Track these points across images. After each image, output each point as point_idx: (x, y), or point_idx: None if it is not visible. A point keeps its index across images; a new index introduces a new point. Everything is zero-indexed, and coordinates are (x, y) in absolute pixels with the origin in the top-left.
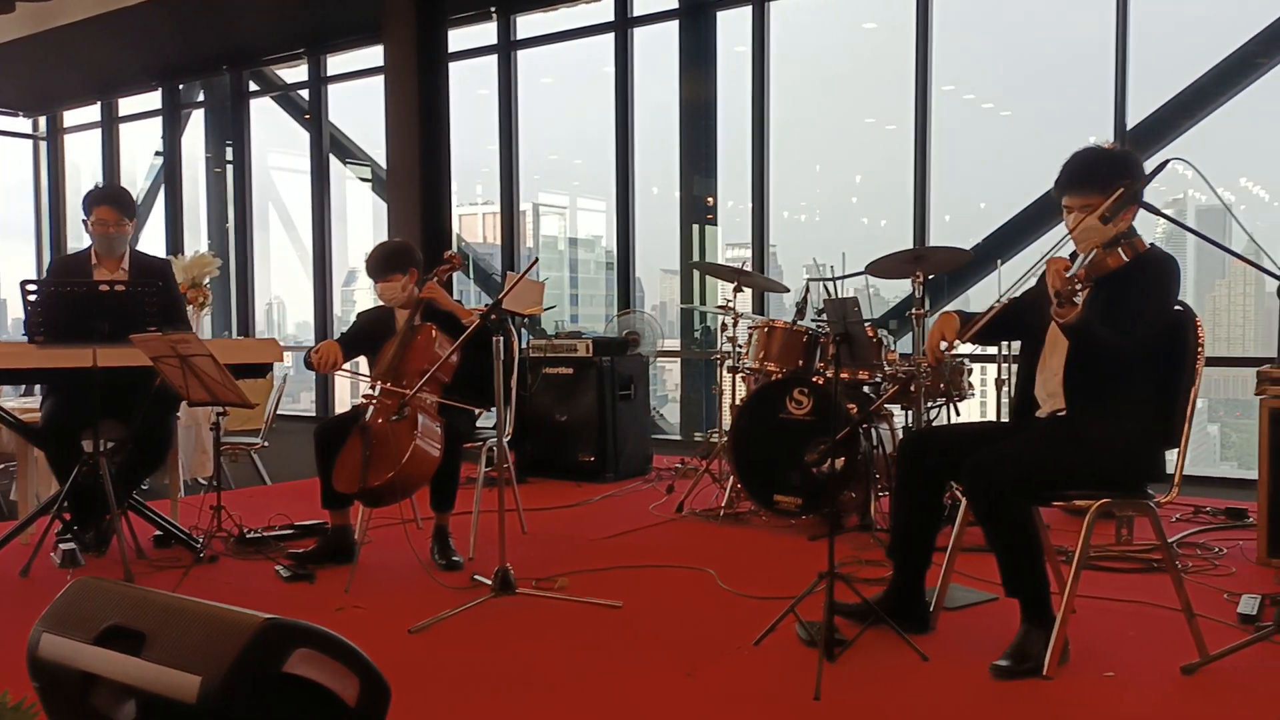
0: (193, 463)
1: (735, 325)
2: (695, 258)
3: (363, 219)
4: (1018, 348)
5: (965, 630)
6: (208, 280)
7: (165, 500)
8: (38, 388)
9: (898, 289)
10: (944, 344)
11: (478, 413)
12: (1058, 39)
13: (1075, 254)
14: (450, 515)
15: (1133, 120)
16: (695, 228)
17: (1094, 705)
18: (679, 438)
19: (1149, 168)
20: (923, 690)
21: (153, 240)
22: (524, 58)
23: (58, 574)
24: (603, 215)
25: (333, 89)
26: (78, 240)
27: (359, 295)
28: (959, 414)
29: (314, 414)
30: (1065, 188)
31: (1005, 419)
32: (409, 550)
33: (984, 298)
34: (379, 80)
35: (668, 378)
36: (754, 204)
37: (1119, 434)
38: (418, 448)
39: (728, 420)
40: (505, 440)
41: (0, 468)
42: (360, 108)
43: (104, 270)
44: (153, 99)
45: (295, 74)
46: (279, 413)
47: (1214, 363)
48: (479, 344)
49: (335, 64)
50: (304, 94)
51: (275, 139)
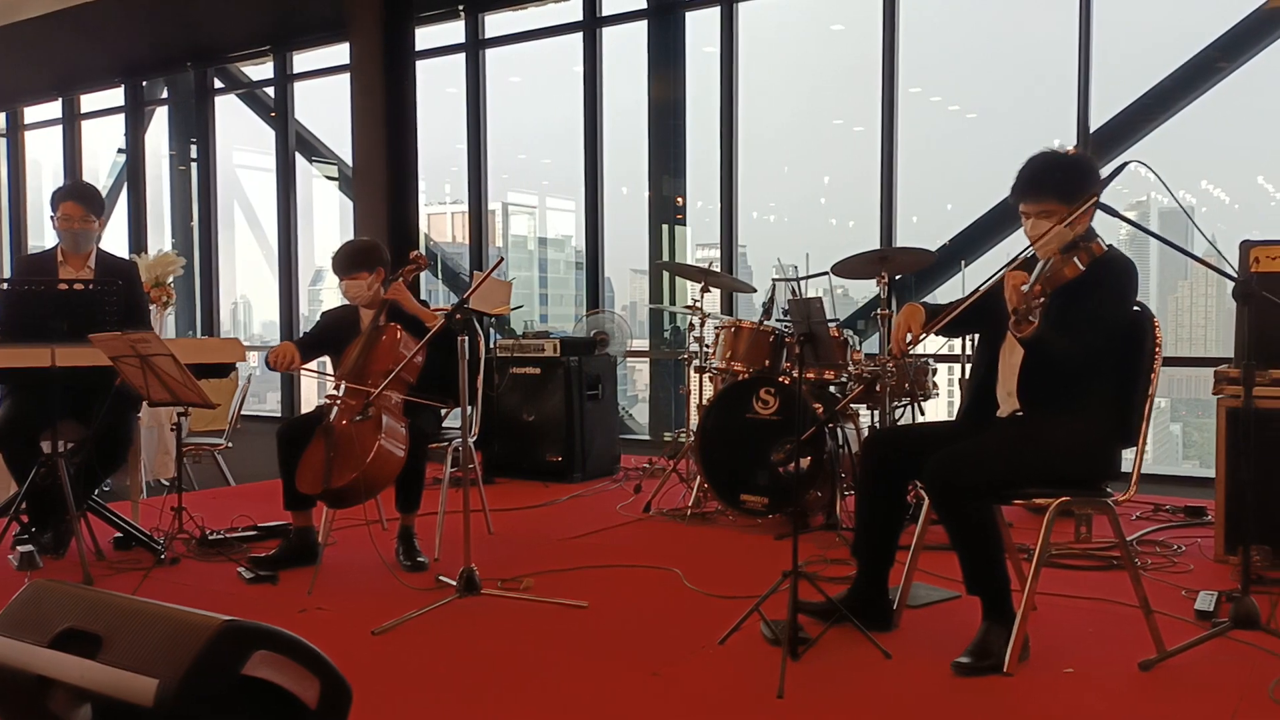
0: (155, 464)
1: (702, 325)
2: (665, 258)
3: (329, 218)
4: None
5: (928, 628)
6: (171, 279)
7: (127, 501)
8: None
9: (866, 289)
10: (909, 336)
11: (444, 413)
12: (1022, 43)
13: (1033, 258)
14: (416, 516)
15: (1096, 123)
16: (664, 228)
17: (1053, 701)
18: (648, 438)
19: (1111, 169)
20: (885, 687)
21: (116, 238)
22: (492, 56)
23: (15, 576)
24: (572, 215)
25: (299, 86)
26: (38, 238)
27: (325, 295)
28: (924, 413)
29: (280, 414)
30: (1021, 194)
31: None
32: (373, 551)
33: (950, 297)
34: (346, 78)
35: (637, 378)
36: (723, 204)
37: (1077, 434)
38: (382, 448)
39: (695, 420)
40: (471, 440)
41: None
42: (327, 105)
43: (69, 269)
44: (115, 95)
45: (261, 71)
46: (244, 413)
47: (1176, 363)
48: (444, 344)
49: (301, 61)
50: (270, 91)
51: (240, 136)
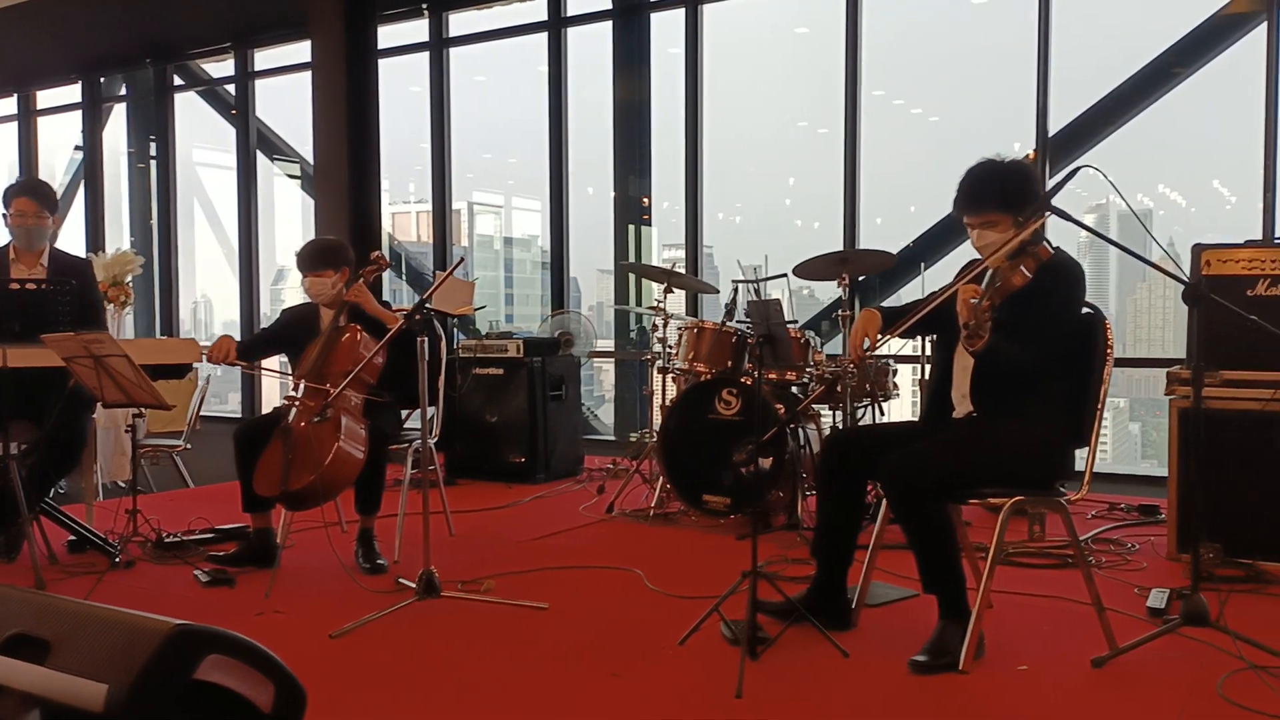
0: (111, 465)
1: (665, 326)
2: (631, 258)
3: (291, 217)
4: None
5: (886, 626)
6: (130, 279)
7: (81, 504)
8: None
9: (832, 291)
10: (866, 342)
11: (405, 414)
12: (983, 48)
13: (982, 266)
14: (376, 518)
15: (1055, 127)
16: (631, 228)
17: (1007, 698)
18: (614, 438)
19: (1063, 175)
20: (842, 686)
21: (73, 237)
22: (457, 56)
23: None
24: (539, 215)
25: (260, 84)
26: None
27: (288, 294)
28: (884, 414)
29: (241, 415)
30: (963, 207)
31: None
32: (332, 554)
33: (912, 299)
34: (308, 76)
35: (604, 379)
36: (688, 205)
37: (1030, 435)
38: (340, 450)
39: (659, 421)
40: (432, 442)
41: None
42: (288, 103)
43: (22, 267)
44: (72, 92)
45: (221, 68)
46: (204, 414)
47: (1134, 364)
48: (405, 345)
49: (263, 59)
50: (230, 88)
51: (201, 134)
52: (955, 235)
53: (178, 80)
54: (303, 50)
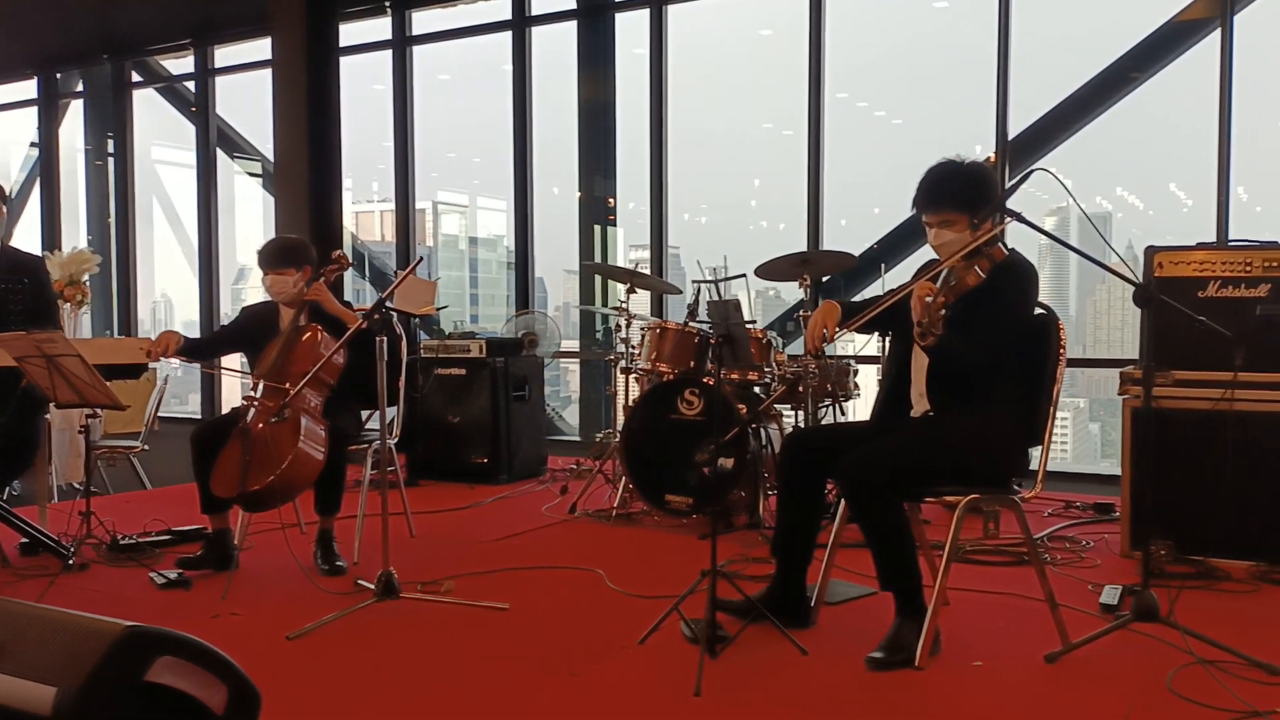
0: (67, 467)
1: (628, 326)
2: (597, 259)
3: (252, 215)
4: None
5: (844, 624)
6: (87, 278)
7: (35, 506)
8: None
9: (797, 291)
10: (824, 333)
11: (365, 414)
12: (945, 51)
13: (939, 267)
14: (335, 519)
15: (1015, 130)
16: (596, 229)
17: (962, 693)
18: (579, 439)
19: (1018, 178)
20: (800, 683)
21: (28, 235)
22: (421, 54)
23: None
24: (504, 214)
25: (220, 81)
26: None
27: (248, 293)
28: (845, 414)
29: (201, 416)
30: (922, 205)
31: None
32: (290, 556)
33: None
34: (268, 73)
35: (570, 379)
36: (653, 206)
37: (984, 434)
38: (300, 451)
39: (622, 421)
40: (392, 442)
41: None
42: (249, 101)
43: None
44: (28, 88)
45: (181, 65)
46: (163, 414)
47: (1092, 364)
48: (365, 345)
49: (223, 56)
50: (190, 85)
51: (159, 131)
52: (918, 237)
53: (136, 76)
54: (263, 47)
